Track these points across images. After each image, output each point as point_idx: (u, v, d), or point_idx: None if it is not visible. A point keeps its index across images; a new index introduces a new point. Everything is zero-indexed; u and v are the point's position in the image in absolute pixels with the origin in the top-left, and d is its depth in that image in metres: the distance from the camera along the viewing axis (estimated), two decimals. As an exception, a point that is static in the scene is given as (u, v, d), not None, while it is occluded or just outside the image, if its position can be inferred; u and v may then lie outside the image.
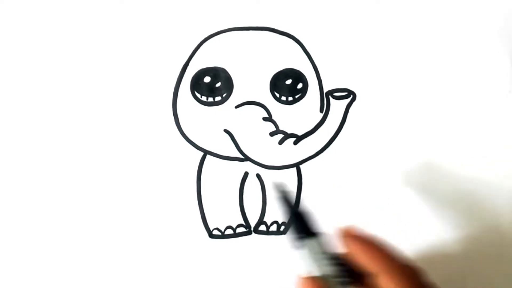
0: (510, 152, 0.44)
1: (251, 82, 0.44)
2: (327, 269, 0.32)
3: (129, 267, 0.44)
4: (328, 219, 0.44)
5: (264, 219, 0.44)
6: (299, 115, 0.44)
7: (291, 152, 0.44)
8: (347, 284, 0.32)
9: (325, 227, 0.44)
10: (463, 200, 0.44)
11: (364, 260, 0.32)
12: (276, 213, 0.44)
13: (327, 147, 0.44)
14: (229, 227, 0.44)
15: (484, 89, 0.44)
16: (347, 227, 0.34)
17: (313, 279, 0.32)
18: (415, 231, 0.44)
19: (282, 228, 0.44)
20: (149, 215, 0.44)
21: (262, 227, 0.44)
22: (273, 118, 0.44)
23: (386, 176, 0.44)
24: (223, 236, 0.44)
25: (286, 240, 0.44)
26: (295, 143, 0.44)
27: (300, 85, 0.44)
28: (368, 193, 0.44)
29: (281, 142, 0.44)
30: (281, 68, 0.44)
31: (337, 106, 0.44)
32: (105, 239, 0.44)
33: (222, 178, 0.44)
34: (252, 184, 0.44)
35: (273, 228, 0.44)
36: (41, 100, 0.44)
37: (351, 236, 0.33)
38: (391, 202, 0.44)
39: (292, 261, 0.44)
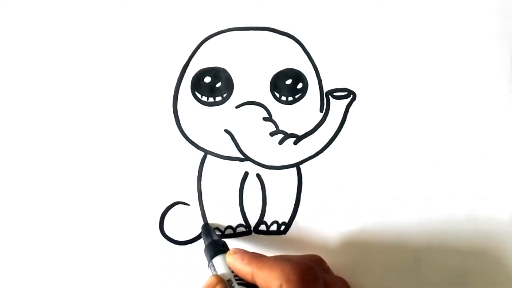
0: (510, 152, 0.44)
1: (251, 82, 0.44)
2: (230, 277, 0.38)
3: (129, 267, 0.44)
4: (328, 219, 0.44)
5: (264, 219, 0.44)
6: (299, 115, 0.44)
7: (291, 152, 0.44)
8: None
9: (325, 226, 0.44)
10: (463, 200, 0.44)
11: (241, 265, 0.37)
12: (276, 213, 0.44)
13: (327, 147, 0.44)
14: (229, 227, 0.44)
15: (484, 89, 0.44)
16: (231, 249, 0.39)
17: (220, 278, 0.38)
18: (415, 231, 0.44)
19: (282, 228, 0.44)
20: (149, 215, 0.44)
21: (262, 227, 0.44)
22: (273, 118, 0.44)
23: (386, 176, 0.44)
24: (223, 236, 0.44)
25: (286, 240, 0.44)
26: (295, 143, 0.44)
27: (300, 85, 0.44)
28: (368, 193, 0.44)
29: (281, 142, 0.44)
30: (281, 68, 0.44)
31: (337, 106, 0.44)
32: (105, 239, 0.44)
33: (222, 178, 0.44)
34: (252, 184, 0.44)
35: (273, 228, 0.44)
36: (41, 100, 0.44)
37: (233, 251, 0.39)
38: (391, 202, 0.44)
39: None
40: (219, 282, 0.37)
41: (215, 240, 0.41)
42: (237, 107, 0.44)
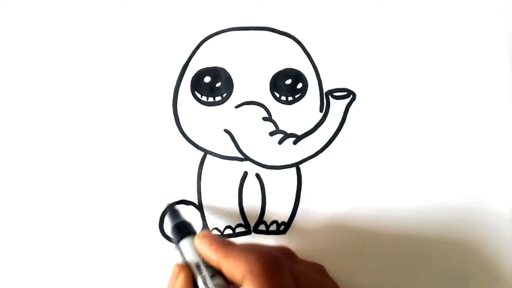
0: (510, 151, 0.44)
1: (251, 82, 0.44)
2: (199, 261, 0.37)
3: (129, 266, 0.44)
4: (327, 219, 0.44)
5: (264, 219, 0.44)
6: (299, 115, 0.44)
7: (290, 152, 0.44)
8: (214, 274, 0.36)
9: (324, 226, 0.44)
10: (463, 200, 0.44)
11: (207, 251, 0.36)
12: (276, 212, 0.44)
13: (327, 147, 0.44)
14: (228, 226, 0.44)
15: (484, 88, 0.44)
16: (200, 232, 0.39)
17: (181, 265, 0.37)
18: (415, 231, 0.44)
19: (281, 227, 0.44)
20: (149, 215, 0.44)
21: (262, 227, 0.44)
22: (273, 118, 0.44)
23: (386, 176, 0.44)
24: (222, 235, 0.44)
25: (286, 240, 0.44)
26: (295, 143, 0.44)
27: (300, 85, 0.44)
28: (367, 193, 0.44)
29: (280, 142, 0.44)
30: (281, 68, 0.44)
31: (337, 106, 0.44)
32: (104, 239, 0.44)
33: (222, 178, 0.44)
34: (251, 184, 0.44)
35: (273, 227, 0.44)
36: (41, 100, 0.44)
37: (202, 235, 0.38)
38: (391, 202, 0.44)
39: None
40: (181, 271, 0.37)
41: (182, 221, 0.40)
42: (236, 107, 0.44)
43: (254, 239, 0.44)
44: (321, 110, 0.44)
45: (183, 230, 0.39)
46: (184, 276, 0.36)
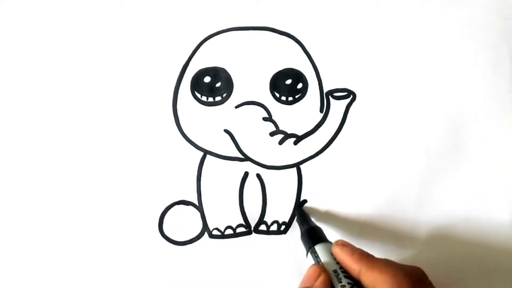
0: (510, 151, 0.44)
1: (251, 82, 0.44)
2: (336, 269, 0.37)
3: (128, 267, 0.44)
4: (328, 219, 0.44)
5: (265, 219, 0.44)
6: (299, 115, 0.44)
7: (291, 152, 0.44)
8: (353, 286, 0.36)
9: (325, 226, 0.44)
10: (463, 200, 0.44)
11: (349, 260, 0.37)
12: (277, 213, 0.44)
13: (327, 147, 0.44)
14: (229, 227, 0.44)
15: (484, 88, 0.44)
16: (339, 240, 0.39)
17: (322, 268, 0.37)
18: (415, 231, 0.44)
19: (282, 227, 0.44)
20: (148, 215, 0.44)
21: (263, 227, 0.44)
22: (273, 118, 0.44)
23: (385, 176, 0.44)
24: (223, 236, 0.44)
25: (286, 240, 0.44)
26: (295, 143, 0.44)
27: (300, 85, 0.44)
28: (368, 193, 0.44)
29: (281, 142, 0.44)
30: (281, 68, 0.44)
31: (337, 106, 0.44)
32: (104, 239, 0.44)
33: (222, 178, 0.44)
34: (252, 184, 0.44)
35: (274, 227, 0.44)
36: (41, 100, 0.44)
37: (341, 243, 0.38)
38: (391, 202, 0.44)
39: (292, 261, 0.44)
40: (322, 273, 0.36)
41: (313, 227, 0.41)
42: (237, 107, 0.44)
43: (255, 239, 0.44)
44: (321, 111, 0.44)
45: (316, 235, 0.40)
46: (324, 279, 0.36)
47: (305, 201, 0.44)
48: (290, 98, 0.44)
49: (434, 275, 0.44)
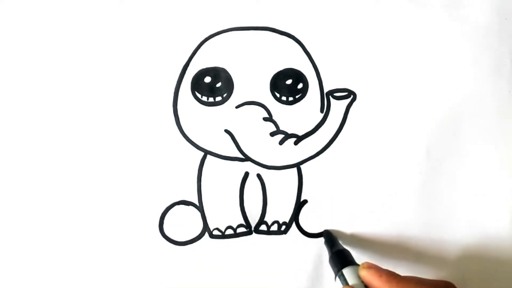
0: (510, 151, 0.44)
1: (251, 82, 0.44)
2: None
3: (128, 267, 0.44)
4: (328, 219, 0.44)
5: (265, 219, 0.44)
6: (300, 115, 0.44)
7: (291, 152, 0.44)
8: None
9: (326, 226, 0.44)
10: (463, 200, 0.44)
11: (378, 282, 0.37)
12: (277, 213, 0.44)
13: (328, 147, 0.44)
14: (229, 227, 0.44)
15: (484, 89, 0.44)
16: (364, 263, 0.39)
17: None
18: (415, 231, 0.44)
19: (283, 228, 0.44)
20: (149, 215, 0.44)
21: (263, 227, 0.44)
22: (274, 118, 0.44)
23: (386, 176, 0.44)
24: (223, 236, 0.44)
25: (287, 240, 0.44)
26: (296, 143, 0.44)
27: (300, 85, 0.44)
28: (368, 193, 0.44)
29: (281, 142, 0.44)
30: (281, 68, 0.44)
31: (338, 106, 0.44)
32: (104, 239, 0.44)
33: (222, 178, 0.44)
34: (252, 184, 0.44)
35: (274, 228, 0.44)
36: (42, 100, 0.44)
37: (367, 266, 0.38)
38: (391, 202, 0.44)
39: (293, 261, 0.44)
40: None
41: (341, 249, 0.41)
42: (237, 107, 0.44)
43: (255, 239, 0.44)
44: (321, 111, 0.44)
45: (344, 258, 0.40)
46: None
47: (305, 201, 0.44)
48: (291, 98, 0.44)
49: (435, 275, 0.44)
